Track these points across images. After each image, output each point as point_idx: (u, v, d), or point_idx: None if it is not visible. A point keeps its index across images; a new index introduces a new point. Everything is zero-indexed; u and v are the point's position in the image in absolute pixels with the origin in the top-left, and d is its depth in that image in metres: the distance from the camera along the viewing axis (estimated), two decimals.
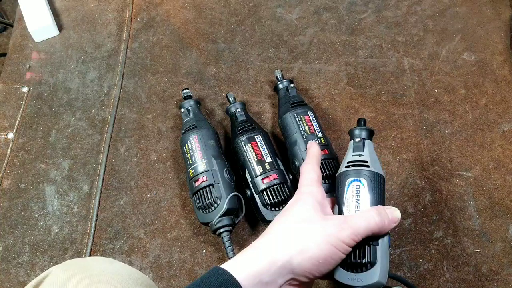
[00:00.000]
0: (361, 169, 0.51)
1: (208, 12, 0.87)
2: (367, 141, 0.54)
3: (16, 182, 0.71)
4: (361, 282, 0.46)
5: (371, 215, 0.46)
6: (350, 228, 0.45)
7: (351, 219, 0.46)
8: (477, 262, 0.63)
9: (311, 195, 0.49)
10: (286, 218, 0.48)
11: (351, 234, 0.45)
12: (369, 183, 0.50)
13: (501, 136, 0.73)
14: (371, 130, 0.55)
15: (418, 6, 0.86)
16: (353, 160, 0.52)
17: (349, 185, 0.50)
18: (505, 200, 0.67)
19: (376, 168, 0.51)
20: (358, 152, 0.53)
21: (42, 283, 0.42)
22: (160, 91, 0.79)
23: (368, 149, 0.54)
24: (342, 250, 0.45)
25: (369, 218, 0.46)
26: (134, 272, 0.46)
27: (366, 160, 0.52)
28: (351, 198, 0.49)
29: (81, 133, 0.75)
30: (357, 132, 0.55)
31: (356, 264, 0.47)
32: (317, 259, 0.44)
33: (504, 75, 0.78)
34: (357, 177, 0.50)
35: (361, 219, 0.46)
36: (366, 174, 0.50)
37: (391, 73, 0.79)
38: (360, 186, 0.50)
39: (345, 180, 0.51)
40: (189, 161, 0.65)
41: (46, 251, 0.66)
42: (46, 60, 0.83)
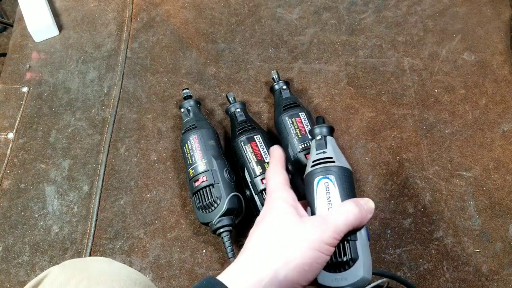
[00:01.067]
0: (327, 165, 0.50)
1: (208, 12, 0.87)
2: (329, 138, 0.54)
3: (16, 182, 0.71)
4: (346, 282, 0.45)
5: (349, 208, 0.45)
6: (331, 227, 0.43)
7: (330, 217, 0.44)
8: (477, 262, 0.63)
9: (282, 200, 0.47)
10: (263, 229, 0.45)
11: (333, 233, 0.43)
12: (337, 178, 0.49)
13: (501, 136, 0.73)
14: (331, 126, 0.55)
15: (418, 6, 0.86)
16: (318, 158, 0.51)
17: (318, 184, 0.49)
18: (505, 200, 0.67)
19: (341, 163, 0.50)
20: (321, 149, 0.52)
21: (41, 283, 0.42)
22: (160, 91, 0.79)
23: (330, 145, 0.53)
24: (326, 252, 0.43)
25: (347, 212, 0.45)
26: (133, 273, 0.46)
27: (331, 156, 0.51)
28: (322, 196, 0.48)
29: (81, 133, 0.75)
30: (317, 130, 0.55)
31: (338, 263, 0.45)
32: (302, 267, 0.42)
33: (504, 75, 0.78)
34: (325, 174, 0.49)
35: (340, 215, 0.44)
36: (333, 170, 0.49)
37: (391, 73, 0.79)
38: (329, 182, 0.49)
39: (313, 179, 0.50)
40: (189, 161, 0.65)
41: (46, 251, 0.66)
42: (46, 60, 0.83)
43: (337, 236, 0.43)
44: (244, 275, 0.42)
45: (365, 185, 0.69)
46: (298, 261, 0.42)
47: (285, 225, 0.44)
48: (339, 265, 0.45)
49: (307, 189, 0.50)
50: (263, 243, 0.44)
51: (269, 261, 0.42)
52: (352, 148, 0.72)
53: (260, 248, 0.43)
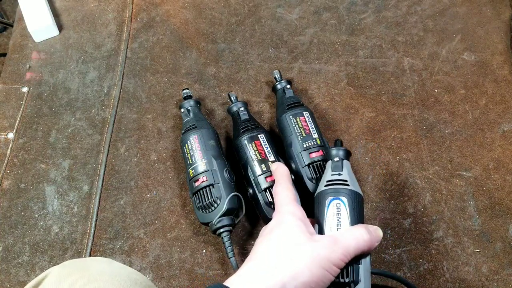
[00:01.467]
0: (341, 187, 0.51)
1: (208, 12, 0.87)
2: (345, 161, 0.55)
3: (16, 182, 0.71)
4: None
5: (360, 233, 0.46)
6: (341, 248, 0.44)
7: (341, 239, 0.45)
8: (477, 262, 0.63)
9: (293, 215, 0.47)
10: (272, 240, 0.45)
11: (341, 255, 0.44)
12: (349, 201, 0.49)
13: (501, 136, 0.73)
14: (348, 150, 0.56)
15: (418, 6, 0.86)
16: (333, 179, 0.52)
17: (329, 204, 0.50)
18: (505, 200, 0.67)
19: (355, 188, 0.51)
20: (337, 171, 0.53)
21: (41, 283, 0.42)
22: (160, 91, 0.79)
23: (346, 168, 0.54)
24: (333, 273, 0.44)
25: (358, 237, 0.45)
26: (133, 273, 0.46)
27: (346, 179, 0.52)
28: (332, 216, 0.49)
29: (81, 133, 0.75)
30: (335, 152, 0.55)
31: (340, 284, 0.46)
32: (309, 284, 0.42)
33: (504, 75, 0.78)
34: (337, 195, 0.50)
35: (351, 238, 0.45)
36: (346, 192, 0.50)
37: (391, 73, 0.79)
38: (340, 204, 0.49)
39: (325, 199, 0.50)
40: (189, 161, 0.65)
41: (46, 251, 0.66)
42: (46, 60, 0.83)
43: (345, 259, 0.44)
44: (253, 284, 0.42)
45: (365, 185, 0.69)
46: (306, 278, 0.42)
47: (295, 240, 0.45)
48: (341, 285, 0.46)
49: (317, 207, 0.51)
50: (272, 254, 0.44)
51: (278, 273, 0.42)
52: (352, 148, 0.72)
53: (270, 259, 0.44)
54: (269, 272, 0.43)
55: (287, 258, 0.43)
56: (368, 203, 0.68)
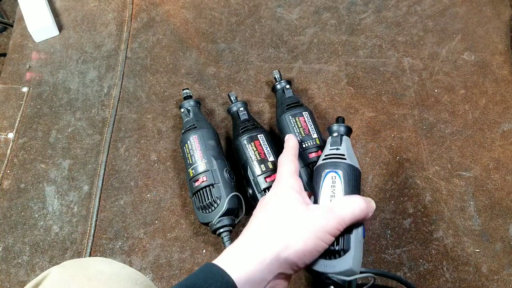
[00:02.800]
0: (337, 161, 0.52)
1: (208, 12, 0.87)
2: (345, 137, 0.56)
3: (16, 182, 0.71)
4: (333, 269, 0.46)
5: (356, 202, 0.46)
6: (336, 218, 0.45)
7: (336, 208, 0.46)
8: (477, 262, 0.63)
9: (290, 187, 0.48)
10: (268, 211, 0.47)
11: (337, 224, 0.44)
12: (345, 174, 0.51)
13: (501, 136, 0.73)
14: (349, 127, 0.58)
15: (418, 6, 0.86)
16: (331, 154, 0.54)
17: (325, 176, 0.51)
18: (505, 200, 0.67)
19: (352, 162, 0.52)
20: (335, 146, 0.55)
21: (41, 284, 0.42)
22: (160, 91, 0.79)
23: (345, 144, 0.55)
24: (327, 241, 0.45)
25: (354, 206, 0.46)
26: (133, 273, 0.46)
27: (343, 153, 0.53)
28: (327, 188, 0.50)
29: (81, 133, 0.75)
30: (335, 128, 0.58)
31: (330, 251, 0.47)
32: (303, 253, 0.43)
33: (504, 75, 0.78)
34: (334, 168, 0.51)
35: (346, 207, 0.46)
36: (342, 166, 0.51)
37: (391, 73, 0.79)
38: (336, 177, 0.51)
39: (322, 171, 0.52)
40: (189, 161, 0.65)
41: (46, 251, 0.66)
42: (46, 60, 0.83)
43: (340, 227, 0.45)
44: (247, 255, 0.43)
45: (365, 185, 0.69)
46: (300, 247, 0.43)
47: (290, 210, 0.46)
48: (331, 252, 0.47)
49: (315, 180, 0.53)
50: (268, 224, 0.45)
51: (272, 242, 0.43)
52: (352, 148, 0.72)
53: (266, 229, 0.45)
54: (263, 243, 0.43)
55: (281, 228, 0.44)
56: None
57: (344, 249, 0.47)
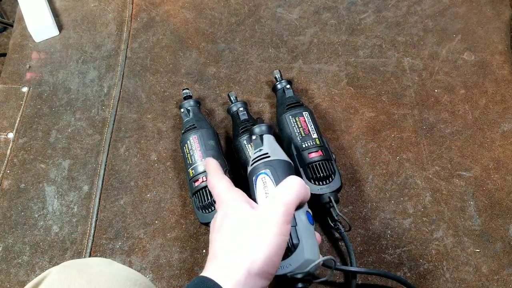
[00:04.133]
0: (262, 161, 0.52)
1: (208, 12, 0.87)
2: (266, 136, 0.57)
3: (16, 182, 0.71)
4: (290, 267, 0.45)
5: (291, 182, 0.45)
6: (282, 204, 0.43)
7: (277, 195, 0.44)
8: (477, 262, 0.63)
9: (234, 200, 0.46)
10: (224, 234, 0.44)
11: (286, 209, 0.43)
12: (272, 171, 0.51)
13: (501, 136, 0.73)
14: (268, 125, 0.58)
15: (418, 6, 0.86)
16: (255, 157, 0.54)
17: (256, 180, 0.51)
18: (505, 200, 0.67)
19: (277, 156, 0.52)
20: (258, 148, 0.55)
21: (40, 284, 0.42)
22: (160, 91, 0.79)
23: (267, 142, 0.55)
24: (285, 232, 0.42)
25: (291, 186, 0.45)
26: (133, 274, 0.46)
27: (266, 152, 0.53)
28: (261, 190, 0.50)
29: (81, 133, 0.75)
30: (256, 130, 0.58)
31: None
32: (270, 258, 0.41)
33: (504, 75, 0.78)
34: (262, 170, 0.51)
35: (285, 189, 0.44)
36: (268, 164, 0.51)
37: (391, 73, 0.79)
38: (265, 177, 0.51)
39: (252, 177, 0.52)
40: (189, 161, 0.65)
41: (46, 251, 0.66)
42: (46, 60, 0.83)
43: (290, 211, 0.43)
44: (223, 279, 0.40)
45: (365, 185, 0.69)
46: (265, 253, 0.41)
47: (243, 222, 0.44)
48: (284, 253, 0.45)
49: (250, 188, 0.53)
50: (230, 249, 0.43)
51: (238, 264, 0.41)
52: (352, 148, 0.72)
53: (227, 254, 0.42)
54: (230, 267, 0.41)
55: (241, 245, 0.42)
56: (368, 203, 0.68)
57: (294, 243, 0.46)
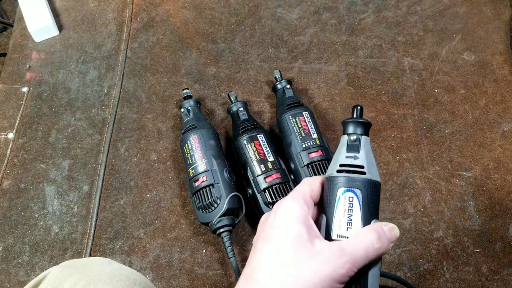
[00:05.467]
0: (356, 176, 0.42)
1: (208, 12, 0.87)
2: (364, 138, 0.44)
3: (16, 182, 0.71)
4: None
5: (369, 240, 0.39)
6: (348, 262, 0.37)
7: (348, 248, 0.38)
8: (477, 262, 0.63)
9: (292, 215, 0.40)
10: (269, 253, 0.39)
11: (347, 270, 0.37)
12: (364, 194, 0.41)
13: (501, 136, 0.73)
14: (369, 123, 0.45)
15: (418, 6, 0.86)
16: (347, 164, 0.43)
17: (340, 197, 0.42)
18: (505, 200, 0.67)
19: (373, 175, 0.43)
20: (353, 153, 0.43)
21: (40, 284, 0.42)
22: (160, 91, 0.79)
23: (364, 149, 0.44)
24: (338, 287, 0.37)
25: (368, 245, 0.38)
26: (133, 273, 0.46)
27: (363, 165, 0.43)
28: (342, 212, 0.41)
29: (81, 133, 0.75)
30: (353, 127, 0.44)
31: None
32: None
33: (504, 75, 0.78)
34: (351, 186, 0.41)
35: (360, 246, 0.38)
36: (361, 183, 0.41)
37: (391, 73, 0.79)
38: (354, 198, 0.41)
39: (336, 189, 0.42)
40: (189, 161, 0.65)
41: (46, 251, 0.66)
42: (46, 60, 0.83)
43: (351, 272, 0.38)
44: None
45: None
46: None
47: (294, 253, 0.38)
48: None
49: (327, 196, 0.43)
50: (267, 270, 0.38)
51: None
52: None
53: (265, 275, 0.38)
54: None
55: (281, 277, 0.37)
56: None
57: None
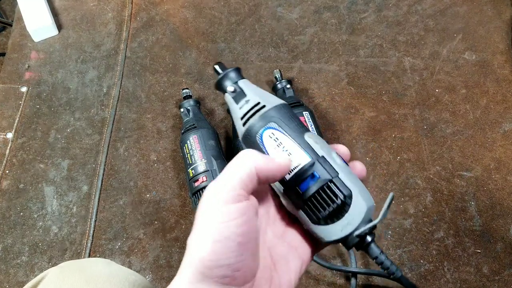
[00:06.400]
0: (259, 114, 0.38)
1: (208, 12, 0.87)
2: (241, 82, 0.41)
3: (15, 182, 0.71)
4: (354, 223, 0.35)
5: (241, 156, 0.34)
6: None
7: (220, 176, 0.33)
8: (478, 263, 0.63)
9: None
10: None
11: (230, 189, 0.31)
12: (278, 122, 0.37)
13: (502, 136, 0.72)
14: (235, 68, 0.42)
15: (419, 5, 0.86)
16: (246, 112, 0.39)
17: (261, 139, 0.37)
18: (506, 200, 0.67)
19: (272, 102, 0.39)
20: (241, 99, 0.40)
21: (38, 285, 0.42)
22: (159, 91, 0.78)
23: (249, 89, 0.41)
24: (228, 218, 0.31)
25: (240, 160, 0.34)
26: (132, 274, 0.46)
27: (258, 101, 0.39)
28: (273, 148, 0.37)
29: (80, 133, 0.75)
30: (225, 82, 0.41)
31: (333, 212, 0.34)
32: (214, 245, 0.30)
33: (505, 74, 0.78)
34: (264, 124, 0.37)
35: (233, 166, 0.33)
36: (270, 115, 0.38)
37: (391, 73, 0.79)
38: (273, 131, 0.37)
39: (254, 136, 0.37)
40: (189, 161, 0.65)
41: (45, 252, 0.66)
42: (45, 60, 0.83)
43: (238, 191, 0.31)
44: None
45: (366, 185, 0.69)
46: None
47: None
48: (335, 212, 0.34)
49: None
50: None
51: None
52: (353, 148, 0.72)
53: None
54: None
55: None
56: None
57: (345, 195, 0.35)
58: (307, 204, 0.35)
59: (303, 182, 0.35)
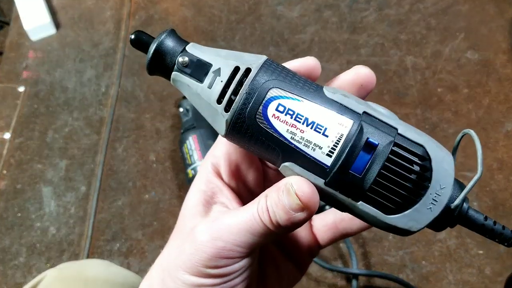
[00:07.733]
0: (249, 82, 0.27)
1: (207, 10, 0.86)
2: (190, 47, 0.28)
3: (13, 182, 0.70)
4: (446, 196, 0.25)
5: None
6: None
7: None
8: (480, 264, 0.62)
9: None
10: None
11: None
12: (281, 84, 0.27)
13: (505, 136, 0.72)
14: (170, 30, 0.30)
15: (421, 4, 0.85)
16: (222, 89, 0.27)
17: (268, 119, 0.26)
18: (508, 201, 0.67)
19: (254, 61, 0.29)
20: (204, 72, 0.28)
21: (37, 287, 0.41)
22: (158, 90, 0.78)
23: (207, 53, 0.28)
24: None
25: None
26: (130, 276, 0.45)
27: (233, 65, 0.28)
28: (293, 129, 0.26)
29: (79, 133, 0.74)
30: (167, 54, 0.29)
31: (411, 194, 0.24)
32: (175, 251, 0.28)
33: (508, 74, 0.77)
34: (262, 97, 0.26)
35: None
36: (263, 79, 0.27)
37: (393, 72, 0.78)
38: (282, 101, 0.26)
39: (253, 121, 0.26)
40: (188, 161, 0.65)
41: (43, 253, 0.65)
42: (43, 59, 0.82)
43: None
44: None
45: None
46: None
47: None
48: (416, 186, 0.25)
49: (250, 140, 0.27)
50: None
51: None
52: None
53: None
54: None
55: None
56: None
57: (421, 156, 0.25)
58: (372, 189, 0.24)
59: (356, 160, 0.24)
